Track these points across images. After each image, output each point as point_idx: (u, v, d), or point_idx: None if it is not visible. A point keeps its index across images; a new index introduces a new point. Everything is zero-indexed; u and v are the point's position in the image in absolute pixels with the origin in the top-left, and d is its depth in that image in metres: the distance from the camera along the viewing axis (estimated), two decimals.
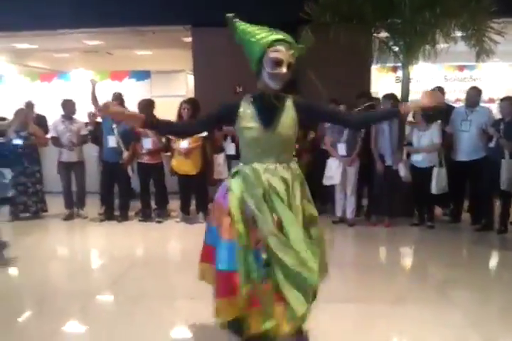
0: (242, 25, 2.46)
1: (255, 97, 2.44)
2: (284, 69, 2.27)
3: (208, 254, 2.50)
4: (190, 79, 8.35)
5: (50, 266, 4.57)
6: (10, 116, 6.56)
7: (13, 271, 4.43)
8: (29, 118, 6.34)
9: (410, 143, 5.64)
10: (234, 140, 6.01)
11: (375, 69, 7.34)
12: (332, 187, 5.78)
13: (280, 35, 2.33)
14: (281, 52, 2.27)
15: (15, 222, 6.03)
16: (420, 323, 3.12)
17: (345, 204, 5.76)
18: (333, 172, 5.64)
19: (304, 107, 2.48)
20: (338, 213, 5.84)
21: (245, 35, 2.40)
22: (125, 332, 3.02)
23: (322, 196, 6.30)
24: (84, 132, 6.23)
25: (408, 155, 5.71)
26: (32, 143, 6.08)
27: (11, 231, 5.70)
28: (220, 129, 6.06)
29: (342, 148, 5.61)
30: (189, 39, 7.79)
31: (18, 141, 5.98)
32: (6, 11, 7.24)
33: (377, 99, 6.37)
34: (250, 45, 2.37)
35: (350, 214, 5.75)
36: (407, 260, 4.87)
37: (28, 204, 6.10)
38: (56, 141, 6.16)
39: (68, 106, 6.19)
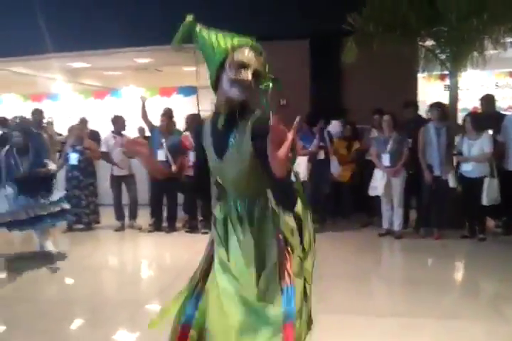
0: (204, 30, 1.98)
1: (212, 117, 1.95)
2: (249, 75, 1.79)
3: None
4: None
5: (101, 275, 4.74)
6: (65, 132, 6.93)
7: (66, 280, 4.63)
8: (84, 134, 6.66)
9: (460, 153, 5.47)
10: None
11: (421, 77, 7.20)
12: (379, 198, 5.69)
13: (249, 40, 1.91)
14: (247, 56, 1.82)
15: (68, 232, 6.31)
16: (470, 340, 3.00)
17: (392, 215, 5.65)
18: (378, 182, 5.57)
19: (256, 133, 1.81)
20: (385, 225, 5.73)
21: (207, 39, 1.93)
22: None
23: (368, 208, 6.23)
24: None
25: (458, 164, 5.54)
26: (87, 156, 6.37)
27: (65, 241, 5.99)
28: None
29: (386, 159, 5.53)
30: None
31: (74, 155, 6.29)
32: (63, 33, 7.69)
33: (415, 105, 6.23)
34: (211, 49, 1.88)
35: (397, 226, 5.63)
36: (457, 274, 4.69)
37: (81, 216, 6.37)
38: (106, 156, 6.42)
39: (118, 122, 6.47)
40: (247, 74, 1.80)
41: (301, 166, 5.86)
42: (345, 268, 4.55)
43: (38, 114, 6.79)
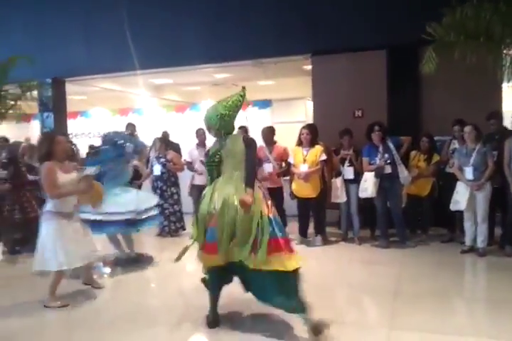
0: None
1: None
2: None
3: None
4: (310, 105, 8.55)
5: (183, 280, 4.93)
6: (149, 144, 7.34)
7: (150, 283, 4.88)
8: (166, 146, 7.02)
9: None
10: (352, 164, 6.01)
11: (506, 87, 6.80)
12: (461, 213, 5.44)
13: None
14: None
15: (156, 238, 6.70)
16: None
17: (476, 232, 5.36)
18: (460, 197, 5.33)
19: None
20: (468, 242, 5.46)
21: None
22: None
23: (450, 223, 5.98)
24: None
25: None
26: (170, 168, 6.71)
27: (153, 246, 6.33)
28: (337, 154, 6.11)
29: (469, 172, 5.29)
30: (309, 67, 8.03)
31: (157, 167, 6.66)
32: (148, 51, 8.21)
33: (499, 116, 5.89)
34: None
35: (481, 243, 5.33)
36: None
37: (164, 225, 6.70)
38: (190, 166, 6.75)
39: (200, 134, 6.76)
40: None
41: (369, 182, 5.73)
42: (425, 285, 4.38)
43: (131, 127, 7.30)
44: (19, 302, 4.09)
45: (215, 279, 3.48)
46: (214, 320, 3.47)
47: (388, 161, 5.70)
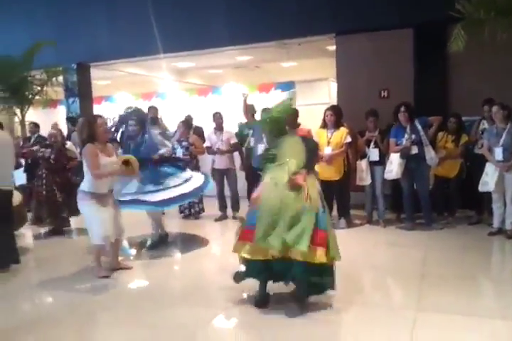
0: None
1: None
2: None
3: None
4: (333, 86, 8.43)
5: (206, 261, 5.02)
6: (172, 129, 7.39)
7: (170, 264, 4.98)
8: (189, 130, 7.06)
9: None
10: (377, 145, 5.93)
11: None
12: (489, 195, 5.34)
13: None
14: None
15: (178, 220, 6.79)
16: None
17: (504, 214, 5.26)
18: (489, 178, 5.22)
19: None
20: (496, 224, 5.37)
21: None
22: (270, 326, 3.18)
23: (478, 205, 5.88)
24: (233, 141, 6.71)
25: None
26: (192, 151, 6.76)
27: (174, 227, 6.44)
28: (362, 135, 6.03)
29: (499, 153, 5.16)
30: (333, 47, 7.89)
31: (179, 150, 6.71)
32: (170, 35, 8.19)
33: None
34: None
35: (509, 225, 5.23)
36: None
37: (184, 207, 6.79)
38: (209, 150, 6.80)
39: (217, 118, 6.77)
40: None
41: (395, 164, 5.66)
42: (451, 267, 4.34)
43: (153, 110, 7.35)
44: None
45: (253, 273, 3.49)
46: (261, 300, 3.48)
47: (414, 142, 5.60)
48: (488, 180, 5.23)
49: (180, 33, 8.23)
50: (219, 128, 6.82)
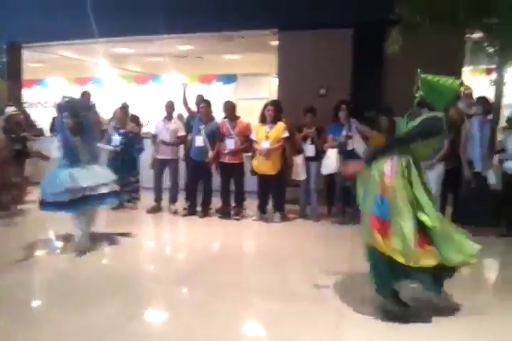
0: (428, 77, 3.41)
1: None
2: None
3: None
4: (274, 82, 8.50)
5: (137, 254, 4.88)
6: (108, 116, 7.15)
7: (103, 256, 4.82)
8: (126, 118, 6.86)
9: (503, 150, 5.32)
10: (313, 142, 6.05)
11: (467, 71, 6.99)
12: None
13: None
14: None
15: (108, 211, 6.54)
16: (501, 338, 2.95)
17: None
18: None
19: None
20: None
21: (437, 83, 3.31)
22: (199, 320, 3.16)
23: None
24: (181, 133, 6.57)
25: (501, 161, 5.40)
26: (129, 139, 6.57)
27: (105, 220, 6.21)
28: (300, 131, 6.13)
29: None
30: (275, 43, 7.95)
31: (116, 138, 6.50)
32: (109, 19, 7.88)
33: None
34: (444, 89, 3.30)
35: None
36: (492, 273, 4.58)
37: (123, 195, 6.57)
38: (154, 139, 6.64)
39: (168, 107, 6.62)
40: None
41: (332, 159, 5.82)
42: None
43: (87, 96, 7.05)
44: None
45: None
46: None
47: (351, 138, 5.77)
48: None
49: (119, 17, 7.94)
50: (169, 117, 6.64)
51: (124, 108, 7.10)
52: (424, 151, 3.28)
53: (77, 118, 4.79)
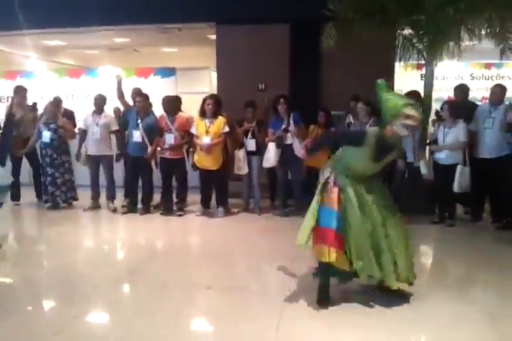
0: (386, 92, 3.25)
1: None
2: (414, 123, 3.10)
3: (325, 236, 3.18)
4: (215, 76, 8.44)
5: (75, 254, 4.71)
6: (39, 111, 6.81)
7: (40, 256, 4.62)
8: (58, 112, 6.57)
9: (435, 142, 5.60)
10: (254, 136, 6.08)
11: (399, 66, 7.25)
12: None
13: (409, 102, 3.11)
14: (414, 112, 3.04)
15: (45, 211, 6.26)
16: (436, 321, 3.12)
17: None
18: None
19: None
20: None
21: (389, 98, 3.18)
22: (143, 319, 3.11)
23: None
24: (114, 127, 6.36)
25: (432, 152, 5.68)
26: (60, 135, 6.30)
27: (42, 220, 5.95)
28: (240, 125, 6.14)
29: None
30: (214, 36, 7.88)
31: (47, 133, 6.22)
32: (38, 9, 7.47)
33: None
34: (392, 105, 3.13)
35: None
36: (426, 258, 4.81)
37: (55, 195, 6.33)
38: (83, 134, 6.38)
39: (97, 101, 6.37)
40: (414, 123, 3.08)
41: (271, 152, 5.89)
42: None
43: (22, 91, 6.74)
44: None
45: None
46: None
47: (289, 131, 5.84)
48: None
49: (49, 8, 7.53)
50: (98, 111, 6.39)
51: (56, 102, 6.81)
52: (360, 165, 3.25)
53: None
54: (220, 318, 3.14)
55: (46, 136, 6.24)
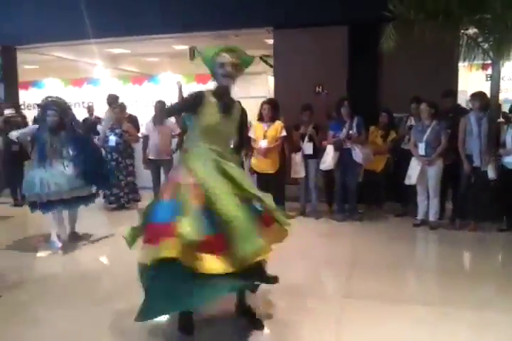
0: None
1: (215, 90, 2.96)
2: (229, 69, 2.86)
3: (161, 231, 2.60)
4: (271, 80, 8.51)
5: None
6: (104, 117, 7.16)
7: (103, 258, 4.84)
8: (123, 118, 6.86)
9: (503, 145, 5.34)
10: (311, 139, 6.06)
11: (462, 66, 7.00)
12: (415, 188, 5.63)
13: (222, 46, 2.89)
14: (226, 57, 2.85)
15: (108, 212, 6.56)
16: (499, 330, 2.98)
17: (428, 206, 5.58)
18: (412, 171, 5.52)
19: (242, 116, 3.09)
20: (420, 215, 5.68)
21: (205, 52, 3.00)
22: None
23: (403, 197, 6.17)
24: (175, 132, 6.55)
25: (499, 156, 5.42)
26: (125, 139, 6.60)
27: (106, 220, 6.22)
28: (297, 129, 6.14)
29: (422, 148, 5.47)
30: (271, 41, 7.94)
31: (112, 138, 6.54)
32: (104, 19, 7.86)
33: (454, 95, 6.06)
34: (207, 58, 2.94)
35: (432, 216, 5.56)
36: (492, 266, 4.60)
37: (119, 196, 6.63)
38: (145, 139, 6.62)
39: (157, 108, 6.58)
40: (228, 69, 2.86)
41: (329, 155, 5.83)
42: (378, 257, 4.55)
43: (112, 99, 7.21)
44: None
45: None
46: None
47: (349, 137, 5.77)
48: (412, 173, 5.53)
49: (112, 18, 7.91)
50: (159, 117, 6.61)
51: (120, 108, 7.12)
52: (212, 121, 2.86)
53: (63, 117, 4.75)
54: (277, 322, 3.16)
55: (112, 140, 6.55)
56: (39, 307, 3.44)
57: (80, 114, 8.47)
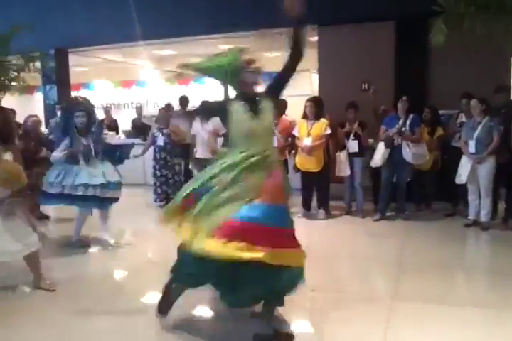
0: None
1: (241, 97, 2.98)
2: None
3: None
4: (315, 78, 8.45)
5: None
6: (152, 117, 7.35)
7: (141, 256, 4.95)
8: (169, 118, 7.02)
9: None
10: (356, 137, 5.98)
11: None
12: (465, 187, 5.45)
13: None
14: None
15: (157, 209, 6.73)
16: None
17: (480, 205, 5.39)
18: (463, 170, 5.34)
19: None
20: (471, 215, 5.48)
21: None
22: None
23: (453, 196, 5.99)
24: (221, 131, 6.63)
25: None
26: (172, 139, 6.74)
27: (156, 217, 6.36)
28: (342, 127, 6.08)
29: (472, 146, 5.28)
30: (315, 38, 7.89)
31: (161, 138, 6.71)
32: (152, 21, 8.06)
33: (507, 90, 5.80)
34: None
35: (484, 216, 5.36)
36: None
37: (168, 193, 6.77)
38: (193, 139, 6.76)
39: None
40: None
41: (379, 152, 5.75)
42: (428, 257, 4.44)
43: (184, 100, 7.56)
44: None
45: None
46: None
47: (401, 134, 5.65)
48: (462, 172, 5.35)
49: (159, 20, 8.09)
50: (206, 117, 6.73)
51: (167, 108, 7.30)
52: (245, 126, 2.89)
53: (90, 117, 4.86)
54: (324, 321, 3.15)
55: (161, 140, 6.72)
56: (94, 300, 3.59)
57: (129, 115, 8.75)
